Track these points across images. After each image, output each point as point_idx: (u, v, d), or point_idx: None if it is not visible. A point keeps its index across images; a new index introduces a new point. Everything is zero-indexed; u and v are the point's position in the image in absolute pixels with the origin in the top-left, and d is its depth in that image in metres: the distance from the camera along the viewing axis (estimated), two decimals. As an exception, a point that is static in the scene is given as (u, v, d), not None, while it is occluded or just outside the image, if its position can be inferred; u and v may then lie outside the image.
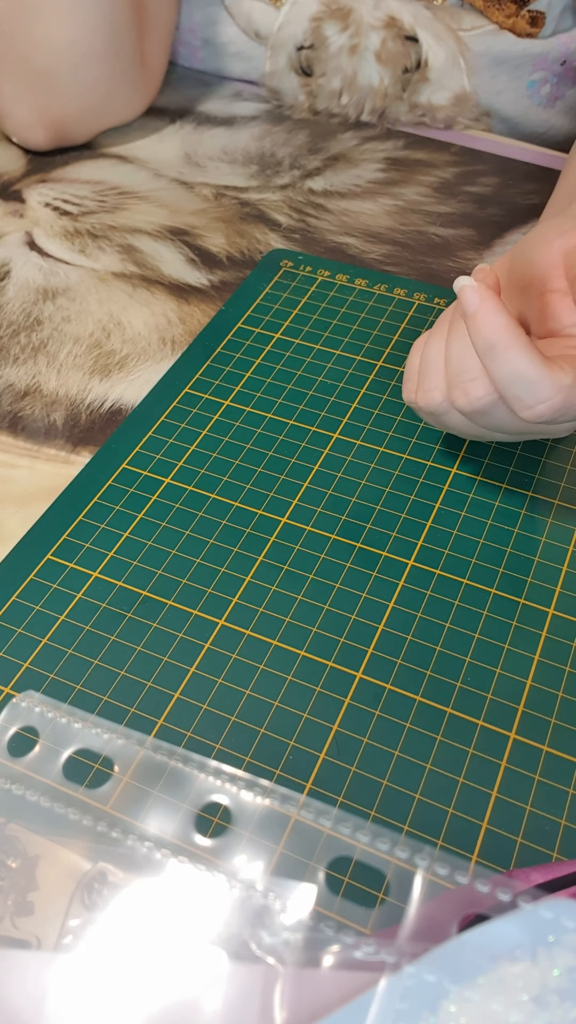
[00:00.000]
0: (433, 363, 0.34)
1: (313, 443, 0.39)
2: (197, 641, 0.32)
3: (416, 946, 0.21)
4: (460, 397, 0.31)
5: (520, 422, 0.31)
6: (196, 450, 0.39)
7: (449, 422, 0.34)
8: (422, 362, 0.34)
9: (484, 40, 0.56)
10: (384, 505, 0.36)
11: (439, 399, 0.33)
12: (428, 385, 0.33)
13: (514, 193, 0.55)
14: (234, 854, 0.25)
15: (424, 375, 0.34)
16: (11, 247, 0.50)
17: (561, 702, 0.30)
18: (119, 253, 0.50)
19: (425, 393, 0.34)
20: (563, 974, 0.20)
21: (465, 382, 0.31)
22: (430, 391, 0.33)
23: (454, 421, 0.34)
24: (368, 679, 0.31)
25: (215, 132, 0.60)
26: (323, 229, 0.52)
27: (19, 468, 0.39)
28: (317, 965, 0.21)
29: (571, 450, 0.39)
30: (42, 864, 0.24)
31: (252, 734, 0.30)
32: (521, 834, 0.27)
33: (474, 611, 0.33)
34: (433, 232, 0.52)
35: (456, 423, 0.34)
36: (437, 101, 0.59)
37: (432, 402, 0.33)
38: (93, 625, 0.33)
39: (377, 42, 0.57)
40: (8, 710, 0.27)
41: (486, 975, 0.20)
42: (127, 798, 0.27)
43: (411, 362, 0.35)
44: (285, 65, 0.61)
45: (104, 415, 0.41)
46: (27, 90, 0.54)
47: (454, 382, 0.31)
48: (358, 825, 0.24)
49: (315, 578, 0.34)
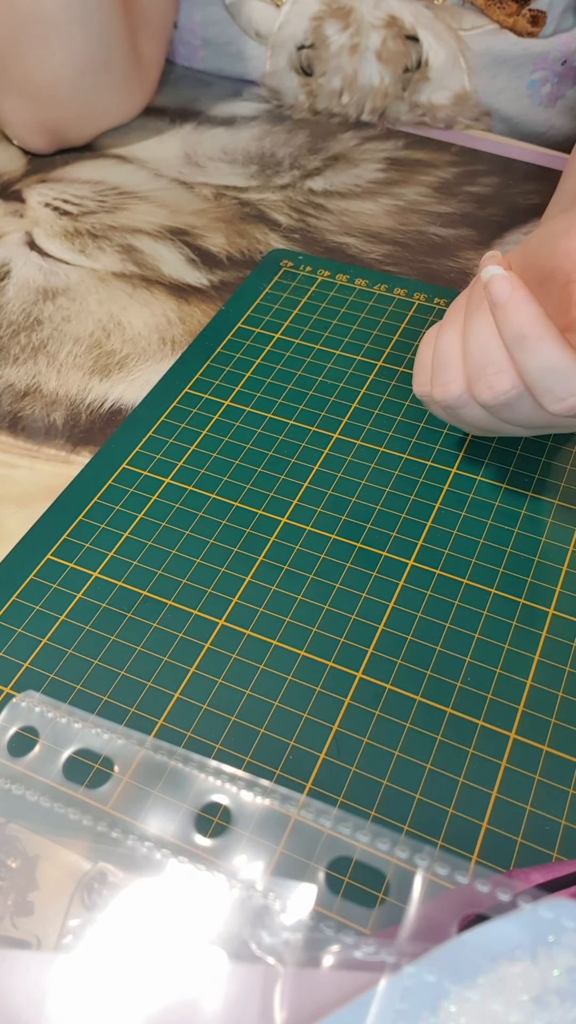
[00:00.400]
0: (449, 355, 0.32)
1: (313, 443, 0.39)
2: (197, 641, 0.32)
3: (416, 946, 0.21)
4: (485, 391, 0.30)
5: (544, 415, 0.31)
6: (196, 450, 0.39)
7: (466, 416, 0.33)
8: (436, 354, 0.33)
9: (485, 39, 0.56)
10: (384, 505, 0.36)
11: (457, 392, 0.32)
12: (445, 378, 0.32)
13: (514, 193, 0.55)
14: (234, 854, 0.25)
15: (440, 368, 0.33)
16: (11, 247, 0.50)
17: (561, 702, 0.30)
18: (119, 253, 0.50)
19: (442, 387, 0.32)
20: (563, 974, 0.20)
21: (490, 375, 0.30)
22: (447, 384, 0.32)
23: (471, 415, 0.33)
24: (368, 679, 0.31)
25: (215, 132, 0.60)
26: (323, 229, 0.52)
27: (19, 468, 0.39)
28: (317, 965, 0.21)
29: (571, 450, 0.39)
30: (42, 864, 0.24)
31: (252, 734, 0.30)
32: (521, 834, 0.27)
33: (474, 611, 0.33)
34: (433, 232, 0.52)
35: (473, 416, 0.33)
36: (438, 101, 0.59)
37: (450, 395, 0.32)
38: (93, 625, 0.33)
39: (378, 41, 0.57)
40: (8, 710, 0.27)
41: (486, 975, 0.20)
42: (127, 798, 0.27)
43: (423, 354, 0.34)
44: (285, 65, 0.61)
45: (104, 415, 0.41)
46: (25, 103, 0.55)
47: (477, 375, 0.30)
48: (358, 825, 0.24)
49: (315, 578, 0.34)
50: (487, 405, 0.31)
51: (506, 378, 0.30)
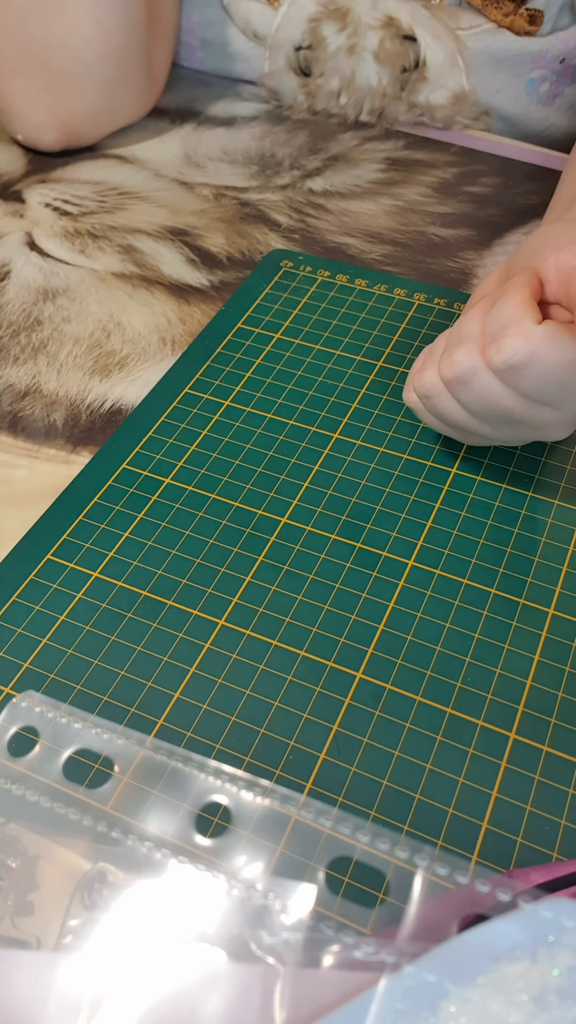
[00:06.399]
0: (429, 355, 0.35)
1: (313, 443, 0.39)
2: (197, 641, 0.32)
3: (416, 946, 0.21)
4: (444, 362, 0.32)
5: (504, 400, 0.31)
6: (196, 450, 0.39)
7: (439, 405, 0.34)
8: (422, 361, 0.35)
9: (482, 39, 0.56)
10: (384, 505, 0.36)
11: (432, 378, 0.34)
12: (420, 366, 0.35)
13: (514, 193, 0.55)
14: (234, 854, 0.25)
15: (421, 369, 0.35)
16: (11, 247, 0.50)
17: (561, 702, 0.30)
18: (119, 253, 0.50)
19: (418, 374, 0.35)
20: (563, 974, 0.20)
21: (452, 348, 0.32)
22: (422, 371, 0.34)
23: (444, 403, 0.34)
24: (368, 679, 0.31)
25: (215, 132, 0.60)
26: (323, 229, 0.52)
27: (19, 468, 0.39)
28: (317, 965, 0.21)
29: (571, 450, 0.39)
30: (42, 864, 0.24)
31: (252, 734, 0.30)
32: (521, 834, 0.27)
33: (474, 611, 0.33)
34: (433, 232, 0.52)
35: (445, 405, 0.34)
36: (436, 100, 0.59)
37: (426, 381, 0.34)
38: (93, 625, 0.33)
39: (375, 42, 0.57)
40: (8, 710, 0.27)
41: (486, 975, 0.20)
42: (127, 798, 0.27)
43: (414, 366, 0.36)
44: (284, 65, 0.61)
45: (104, 415, 0.41)
46: (41, 90, 0.53)
47: (446, 352, 0.32)
48: (358, 825, 0.24)
49: (315, 578, 0.34)
50: (447, 379, 0.32)
51: (462, 351, 0.31)
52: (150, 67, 0.58)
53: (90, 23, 0.51)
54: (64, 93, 0.54)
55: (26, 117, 0.55)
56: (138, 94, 0.58)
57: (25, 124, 0.56)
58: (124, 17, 0.52)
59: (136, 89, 0.57)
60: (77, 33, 0.51)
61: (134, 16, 0.53)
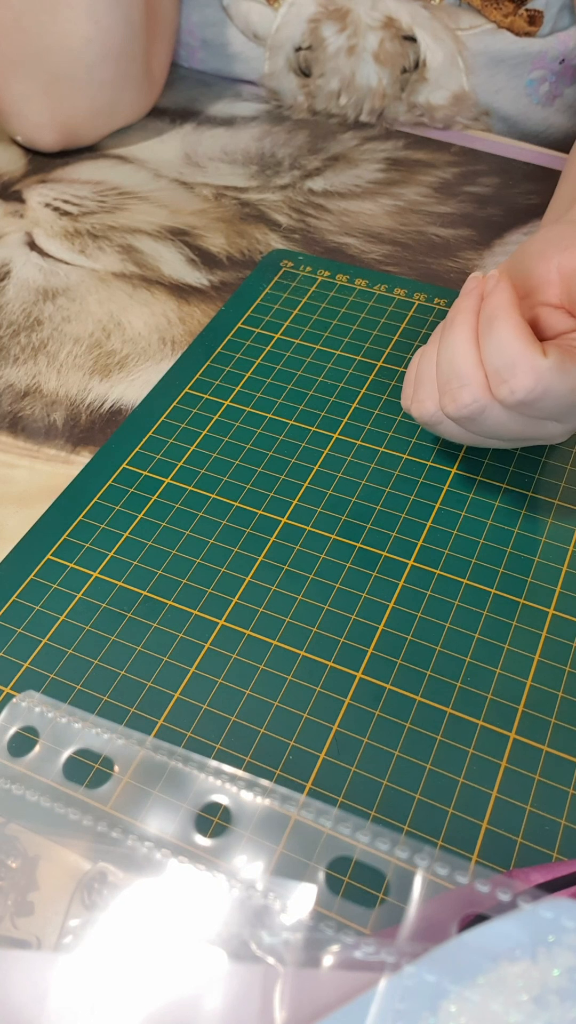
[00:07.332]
0: (425, 374, 0.34)
1: (313, 443, 0.39)
2: (197, 641, 0.32)
3: (416, 946, 0.21)
4: (449, 403, 0.31)
5: (513, 426, 0.31)
6: (196, 450, 0.39)
7: (445, 431, 0.34)
8: (417, 373, 0.34)
9: (482, 39, 0.56)
10: (384, 505, 0.36)
11: (432, 409, 0.33)
12: (421, 395, 0.34)
13: (514, 193, 0.55)
14: (234, 854, 0.25)
15: (419, 385, 0.34)
16: (11, 247, 0.50)
17: (561, 702, 0.30)
18: (119, 253, 0.50)
19: (419, 404, 0.34)
20: (563, 974, 0.20)
21: (454, 388, 0.31)
22: (423, 401, 0.34)
23: (449, 429, 0.34)
24: (368, 679, 0.31)
25: (215, 132, 0.60)
26: (323, 229, 0.52)
27: (19, 468, 0.39)
28: (317, 965, 0.21)
29: (571, 450, 0.39)
30: (42, 864, 0.24)
31: (252, 734, 0.30)
32: (521, 834, 0.27)
33: (474, 611, 0.33)
34: (433, 232, 0.52)
35: (451, 431, 0.34)
36: (436, 101, 0.59)
37: (425, 412, 0.34)
38: (93, 625, 0.33)
39: (375, 42, 0.57)
40: (8, 710, 0.27)
41: (486, 975, 0.20)
42: (127, 798, 0.27)
43: (409, 372, 0.36)
44: (283, 66, 0.61)
45: (104, 415, 0.41)
46: (40, 90, 0.53)
47: (443, 389, 0.32)
48: (358, 825, 0.24)
49: (315, 578, 0.34)
50: (453, 417, 0.32)
51: (468, 392, 0.31)
52: (149, 67, 0.58)
53: (89, 23, 0.51)
54: (63, 93, 0.54)
55: (25, 117, 0.55)
56: (137, 94, 0.58)
57: (24, 124, 0.56)
58: (123, 17, 0.52)
59: (135, 89, 0.57)
60: (76, 33, 0.51)
61: (133, 16, 0.53)
